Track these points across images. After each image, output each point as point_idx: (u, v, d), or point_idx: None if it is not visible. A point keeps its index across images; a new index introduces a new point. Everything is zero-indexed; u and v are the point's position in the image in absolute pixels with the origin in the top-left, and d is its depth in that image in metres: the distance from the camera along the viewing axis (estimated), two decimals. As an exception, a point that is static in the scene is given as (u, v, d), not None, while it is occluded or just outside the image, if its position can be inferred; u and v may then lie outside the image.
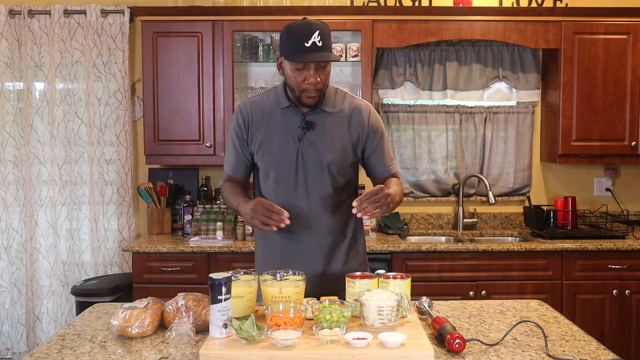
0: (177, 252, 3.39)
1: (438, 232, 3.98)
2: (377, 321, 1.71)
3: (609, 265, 3.46)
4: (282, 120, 2.11)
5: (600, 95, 3.68)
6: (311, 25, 1.95)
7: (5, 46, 3.84)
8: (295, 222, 2.08)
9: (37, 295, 3.89)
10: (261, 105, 2.15)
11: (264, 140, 2.12)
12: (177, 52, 3.62)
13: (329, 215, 2.13)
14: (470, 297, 3.38)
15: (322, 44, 1.94)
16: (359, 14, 3.60)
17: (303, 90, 2.01)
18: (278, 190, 2.12)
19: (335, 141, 2.10)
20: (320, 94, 2.04)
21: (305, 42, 1.92)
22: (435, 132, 4.03)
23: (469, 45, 3.92)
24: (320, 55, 1.94)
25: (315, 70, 1.97)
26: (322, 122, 2.10)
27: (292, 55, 1.95)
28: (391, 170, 2.21)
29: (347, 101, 2.15)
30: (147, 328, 1.77)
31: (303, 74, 1.98)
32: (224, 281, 1.66)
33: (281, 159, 2.10)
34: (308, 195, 2.11)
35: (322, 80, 2.00)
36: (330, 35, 1.99)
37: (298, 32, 1.94)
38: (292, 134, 2.10)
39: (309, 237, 2.13)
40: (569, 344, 1.73)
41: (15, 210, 3.94)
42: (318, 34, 1.93)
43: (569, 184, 4.10)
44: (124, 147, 3.87)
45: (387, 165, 2.20)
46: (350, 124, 2.12)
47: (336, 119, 2.11)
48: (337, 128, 2.11)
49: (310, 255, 2.14)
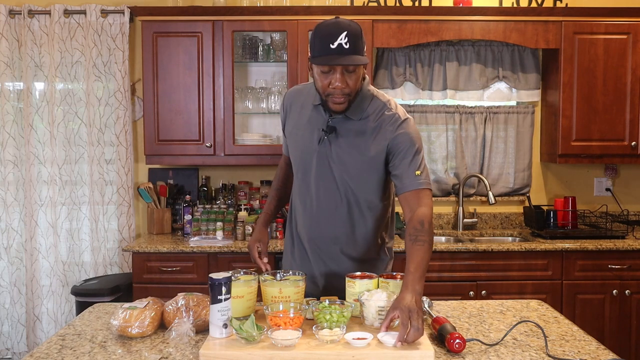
0: (177, 252, 3.39)
1: (438, 232, 3.98)
2: (377, 321, 1.71)
3: (609, 265, 3.46)
4: (310, 117, 2.06)
5: (600, 95, 3.68)
6: (340, 25, 1.82)
7: (5, 46, 3.84)
8: (306, 222, 2.10)
9: (37, 295, 3.89)
10: (301, 95, 2.12)
11: (292, 132, 2.12)
12: (177, 52, 3.62)
13: (336, 225, 2.06)
14: (470, 297, 3.38)
15: (350, 46, 1.80)
16: (359, 14, 3.60)
17: (328, 94, 1.89)
18: (297, 180, 2.14)
19: (354, 152, 1.97)
20: (349, 100, 1.90)
21: (331, 44, 1.79)
22: (435, 132, 4.03)
23: (469, 45, 3.92)
24: (344, 58, 1.81)
25: (342, 74, 1.84)
26: (345, 129, 1.97)
27: (317, 57, 1.84)
28: (414, 187, 1.91)
29: (379, 110, 1.98)
30: (147, 328, 1.77)
31: (329, 78, 1.85)
32: (224, 281, 1.66)
33: (302, 155, 2.07)
34: (319, 199, 2.06)
35: (350, 85, 1.86)
36: (361, 36, 1.84)
37: (325, 32, 1.82)
38: (315, 134, 2.02)
39: (313, 244, 2.12)
40: (569, 344, 1.73)
41: (15, 210, 3.94)
42: (345, 35, 1.79)
43: (569, 184, 4.10)
44: (124, 147, 3.87)
45: (409, 178, 1.91)
46: (373, 135, 1.96)
47: (361, 128, 1.97)
48: (359, 139, 1.97)
49: (313, 260, 2.13)
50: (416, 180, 1.91)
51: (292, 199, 2.20)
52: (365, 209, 2.05)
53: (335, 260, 2.10)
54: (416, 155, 1.94)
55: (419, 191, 1.91)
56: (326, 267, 2.11)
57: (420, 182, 1.91)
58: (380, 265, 2.16)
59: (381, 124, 1.97)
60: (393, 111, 1.99)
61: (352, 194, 2.02)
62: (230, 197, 3.86)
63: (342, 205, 2.04)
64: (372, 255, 2.12)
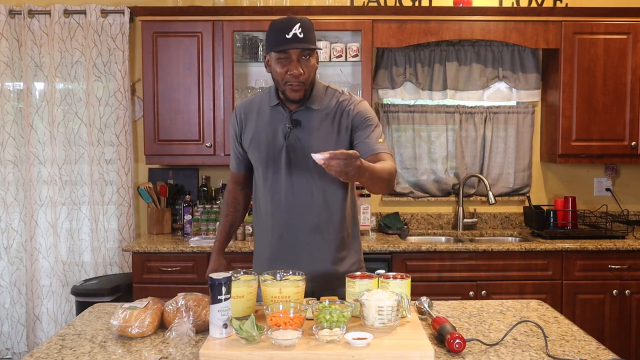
0: (177, 252, 3.39)
1: (438, 232, 3.98)
2: (377, 321, 1.71)
3: (609, 265, 3.46)
4: (270, 118, 2.13)
5: (600, 95, 3.68)
6: (292, 18, 1.98)
7: (5, 46, 3.84)
8: (281, 219, 2.12)
9: (37, 295, 3.89)
10: (254, 104, 2.20)
11: (252, 138, 2.16)
12: (177, 52, 3.62)
13: (315, 214, 2.11)
14: (470, 297, 3.38)
15: (304, 36, 1.95)
16: (359, 14, 3.60)
17: (286, 82, 2.00)
18: (265, 186, 2.15)
19: (321, 138, 2.08)
20: (305, 88, 2.02)
21: (287, 34, 1.94)
22: (435, 132, 4.03)
23: (469, 45, 3.92)
24: (300, 44, 1.95)
25: (298, 61, 1.97)
26: (309, 120, 2.09)
27: (274, 47, 1.97)
28: (377, 150, 2.04)
29: (335, 97, 2.13)
30: (147, 328, 1.77)
31: (285, 65, 1.98)
32: (224, 281, 1.66)
33: (268, 156, 2.12)
34: (294, 193, 2.11)
35: (305, 71, 1.99)
36: (312, 29, 2.00)
37: (280, 25, 1.97)
38: (279, 132, 2.10)
39: (292, 236, 2.13)
40: (569, 344, 1.73)
41: (15, 210, 3.94)
42: (299, 27, 1.95)
43: (569, 184, 4.10)
44: (124, 147, 3.87)
45: (372, 145, 2.04)
46: (336, 118, 2.09)
47: (323, 116, 2.09)
48: (324, 125, 2.09)
49: (294, 254, 2.13)
50: (379, 145, 2.05)
51: (259, 205, 2.21)
52: (338, 190, 2.14)
53: (317, 248, 2.13)
54: (377, 127, 2.10)
55: (382, 154, 2.03)
56: (308, 258, 2.12)
57: (383, 147, 2.05)
58: (355, 246, 2.22)
59: (340, 107, 2.11)
60: (347, 95, 2.15)
61: (328, 180, 2.09)
62: (230, 197, 3.85)
63: (319, 193, 2.11)
64: (349, 239, 2.19)
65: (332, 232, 2.14)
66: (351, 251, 2.21)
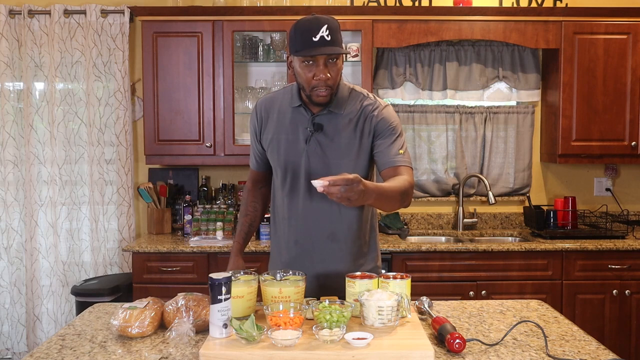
0: (177, 252, 3.39)
1: (438, 232, 3.98)
2: (377, 321, 1.71)
3: (609, 265, 3.46)
4: (292, 120, 2.07)
5: (600, 95, 3.68)
6: (319, 19, 1.90)
7: (5, 46, 3.84)
8: (297, 225, 2.09)
9: (37, 295, 3.89)
10: (276, 102, 2.13)
11: (273, 139, 2.11)
12: (177, 52, 3.62)
13: (332, 222, 2.08)
14: (470, 297, 3.38)
15: (331, 38, 1.88)
16: (359, 14, 3.60)
17: (313, 87, 1.94)
18: (283, 190, 2.12)
19: (343, 144, 2.02)
20: (332, 92, 1.96)
21: (313, 37, 1.87)
22: (435, 132, 4.03)
23: (469, 45, 3.92)
24: (328, 49, 1.88)
25: (325, 65, 1.90)
26: (331, 124, 2.03)
27: (300, 50, 1.89)
28: (396, 162, 1.99)
29: (360, 101, 2.06)
30: (147, 328, 1.77)
31: (312, 70, 1.91)
32: (224, 281, 1.65)
33: (288, 159, 2.07)
34: (311, 199, 2.06)
35: (332, 75, 1.93)
36: (339, 29, 1.93)
37: (306, 26, 1.89)
38: (300, 135, 2.05)
39: (308, 242, 2.11)
40: (569, 344, 1.73)
41: (15, 210, 3.94)
42: (326, 28, 1.87)
43: (569, 184, 4.10)
44: (124, 147, 3.87)
45: (392, 156, 1.99)
46: (359, 124, 2.03)
47: (346, 121, 2.03)
48: (346, 131, 2.03)
49: (310, 260, 2.11)
50: (399, 157, 2.00)
51: (276, 208, 2.19)
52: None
53: (333, 256, 2.10)
54: (399, 137, 2.03)
55: (401, 167, 1.99)
56: (323, 265, 2.11)
57: (403, 160, 2.00)
58: (372, 254, 2.19)
59: (363, 112, 2.05)
60: (372, 99, 2.08)
61: None
62: (230, 197, 3.86)
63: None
64: (366, 248, 2.16)
65: (348, 241, 2.10)
66: (368, 259, 2.17)
